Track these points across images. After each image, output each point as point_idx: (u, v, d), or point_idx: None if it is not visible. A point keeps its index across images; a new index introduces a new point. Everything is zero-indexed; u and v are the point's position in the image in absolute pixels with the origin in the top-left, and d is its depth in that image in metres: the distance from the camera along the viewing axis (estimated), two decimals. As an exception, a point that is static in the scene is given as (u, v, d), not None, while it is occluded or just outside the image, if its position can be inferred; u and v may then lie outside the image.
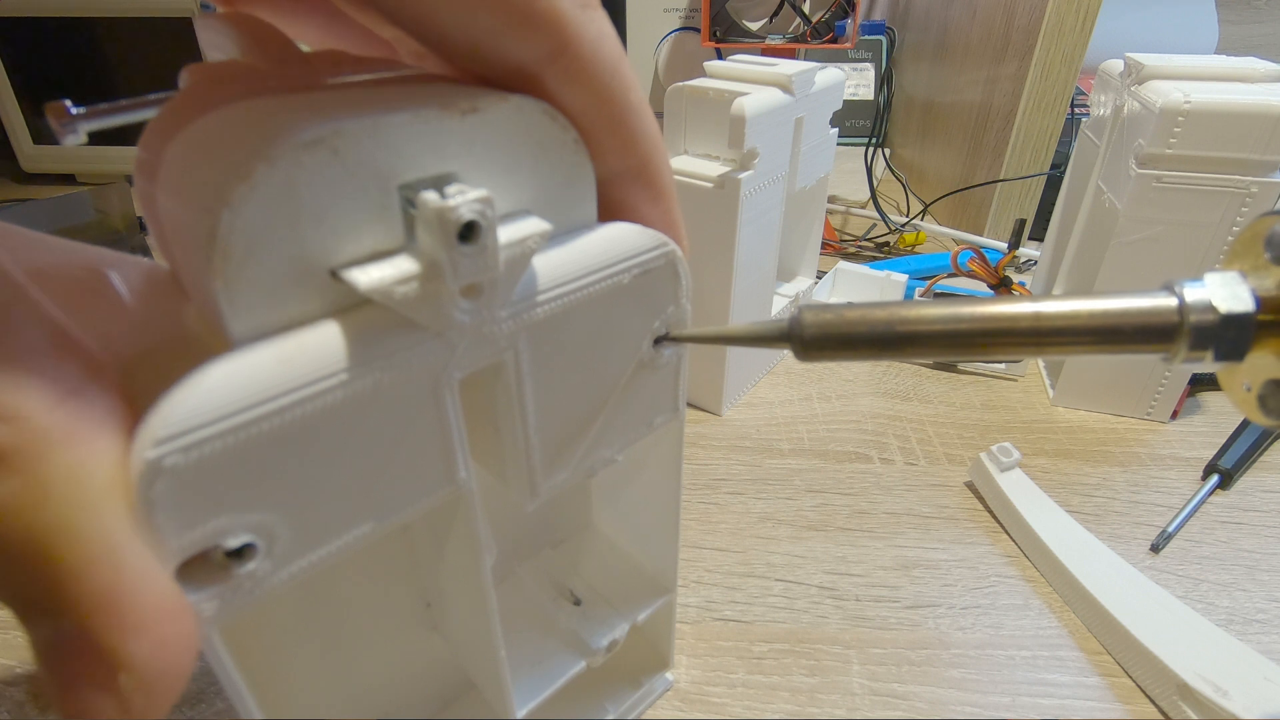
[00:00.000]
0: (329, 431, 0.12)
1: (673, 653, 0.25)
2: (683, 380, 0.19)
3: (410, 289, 0.12)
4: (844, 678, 0.26)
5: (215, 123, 0.12)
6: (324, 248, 0.11)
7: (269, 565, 0.12)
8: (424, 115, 0.12)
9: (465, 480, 0.15)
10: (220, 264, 0.10)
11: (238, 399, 0.10)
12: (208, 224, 0.10)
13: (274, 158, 0.10)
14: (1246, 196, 0.33)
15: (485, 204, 0.11)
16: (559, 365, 0.15)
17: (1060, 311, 0.14)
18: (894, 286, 0.48)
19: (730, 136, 0.32)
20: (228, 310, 0.11)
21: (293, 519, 0.12)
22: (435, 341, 0.13)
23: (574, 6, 0.13)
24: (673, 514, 0.22)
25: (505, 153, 0.13)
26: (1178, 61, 0.36)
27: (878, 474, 0.36)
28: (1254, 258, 0.14)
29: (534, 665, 0.21)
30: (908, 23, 0.82)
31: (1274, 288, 0.14)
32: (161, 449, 0.10)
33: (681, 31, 0.63)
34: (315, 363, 0.11)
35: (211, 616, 0.11)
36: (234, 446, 0.10)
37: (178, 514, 0.10)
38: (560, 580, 0.24)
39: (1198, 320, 0.13)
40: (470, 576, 0.17)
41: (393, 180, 0.12)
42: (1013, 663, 0.27)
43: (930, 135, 0.73)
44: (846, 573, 0.30)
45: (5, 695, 0.25)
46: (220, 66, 0.14)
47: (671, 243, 0.16)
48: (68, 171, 0.73)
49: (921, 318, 0.14)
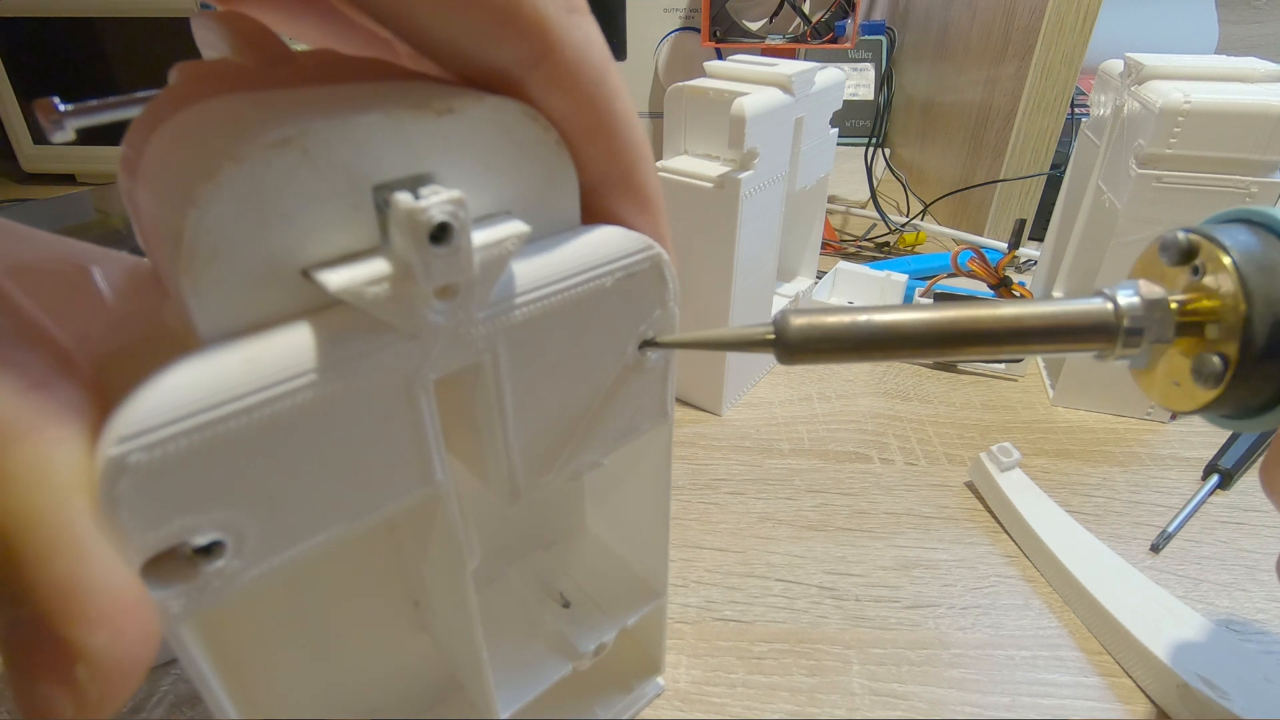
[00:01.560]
0: (298, 431, 0.12)
1: (664, 657, 0.25)
2: (670, 385, 0.18)
3: (381, 290, 0.12)
4: (844, 678, 0.26)
5: (189, 120, 0.12)
6: (294, 248, 0.11)
7: (239, 563, 0.12)
8: (396, 115, 0.12)
9: (443, 481, 0.14)
10: (187, 262, 0.10)
11: (203, 397, 0.10)
12: (176, 222, 0.10)
13: (241, 157, 0.10)
14: (1246, 196, 0.33)
15: (458, 205, 0.11)
16: (539, 368, 0.15)
17: (1017, 314, 0.16)
18: (894, 286, 0.48)
19: (730, 136, 0.32)
20: (195, 309, 0.11)
21: (262, 518, 0.12)
22: (408, 343, 0.12)
23: (559, 10, 0.13)
24: (662, 518, 0.22)
25: (483, 153, 0.13)
26: (1178, 61, 0.36)
27: (878, 474, 0.36)
28: (1156, 269, 0.18)
29: (519, 667, 0.21)
30: (908, 23, 0.82)
31: (1180, 289, 0.17)
32: (125, 446, 0.10)
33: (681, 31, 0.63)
34: (283, 362, 0.11)
35: (179, 613, 0.11)
36: (199, 445, 0.10)
37: (142, 511, 0.10)
38: (550, 582, 0.24)
39: (1129, 310, 0.16)
40: (451, 576, 0.16)
41: (366, 181, 0.12)
42: (1013, 663, 0.27)
43: (930, 135, 0.73)
44: (846, 573, 0.30)
45: (5, 695, 0.25)
46: (208, 65, 0.14)
47: (657, 245, 0.16)
48: (68, 171, 0.73)
49: (895, 321, 0.15)
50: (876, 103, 0.78)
